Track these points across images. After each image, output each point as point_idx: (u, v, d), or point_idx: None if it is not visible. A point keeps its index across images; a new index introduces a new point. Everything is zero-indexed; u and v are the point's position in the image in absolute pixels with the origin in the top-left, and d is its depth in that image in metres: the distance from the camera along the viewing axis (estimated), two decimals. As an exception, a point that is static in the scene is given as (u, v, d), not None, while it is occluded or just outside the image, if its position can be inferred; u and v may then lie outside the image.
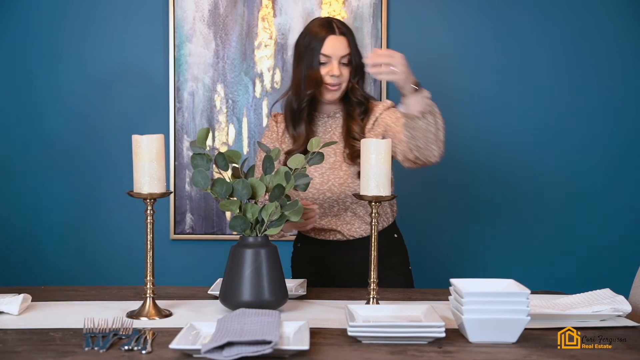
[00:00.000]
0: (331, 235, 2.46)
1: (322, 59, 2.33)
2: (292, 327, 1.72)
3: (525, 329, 1.74)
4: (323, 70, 2.33)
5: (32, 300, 2.06)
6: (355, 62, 2.35)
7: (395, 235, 2.53)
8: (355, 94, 2.39)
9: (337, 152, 2.40)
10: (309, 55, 2.34)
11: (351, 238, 2.45)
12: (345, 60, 2.34)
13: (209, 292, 2.23)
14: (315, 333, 1.77)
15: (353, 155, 2.36)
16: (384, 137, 2.34)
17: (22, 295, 2.03)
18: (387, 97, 3.25)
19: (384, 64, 2.11)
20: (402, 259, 2.54)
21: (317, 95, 2.37)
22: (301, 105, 2.38)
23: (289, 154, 2.34)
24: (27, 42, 3.36)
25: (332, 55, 2.32)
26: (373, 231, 2.02)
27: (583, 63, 3.38)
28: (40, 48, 3.36)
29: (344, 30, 2.35)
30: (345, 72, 2.35)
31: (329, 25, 2.35)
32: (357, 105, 2.40)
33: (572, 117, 3.40)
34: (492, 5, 3.38)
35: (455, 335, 1.78)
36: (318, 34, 2.33)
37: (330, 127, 2.45)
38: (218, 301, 2.04)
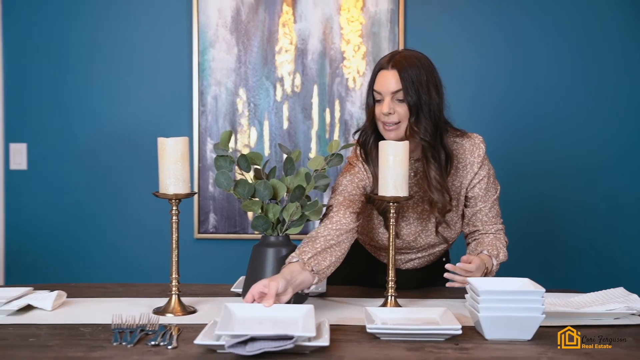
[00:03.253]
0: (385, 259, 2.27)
1: (376, 96, 2.09)
2: (312, 324, 1.73)
3: (541, 326, 1.73)
4: (377, 108, 2.09)
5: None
6: (409, 100, 2.04)
7: (444, 259, 2.41)
8: (414, 136, 2.08)
9: (425, 201, 2.19)
10: (368, 90, 2.13)
11: (403, 268, 2.32)
12: (399, 97, 2.04)
13: (232, 289, 2.24)
14: (334, 330, 1.77)
15: (432, 209, 2.16)
16: (466, 200, 2.22)
17: (55, 292, 2.05)
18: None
19: (460, 282, 1.97)
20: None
21: (382, 134, 2.12)
22: (366, 147, 2.15)
23: (375, 194, 2.05)
24: (61, 49, 3.39)
25: (383, 92, 2.06)
26: (391, 231, 2.00)
27: (591, 63, 3.35)
28: (73, 54, 3.39)
29: (400, 63, 2.05)
30: (401, 109, 2.05)
31: (387, 58, 2.09)
32: (427, 149, 2.10)
33: (572, 117, 3.38)
34: (506, 10, 3.36)
35: (472, 332, 1.77)
36: (375, 68, 2.11)
37: (414, 171, 2.18)
38: (241, 298, 2.05)
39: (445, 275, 1.99)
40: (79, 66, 3.39)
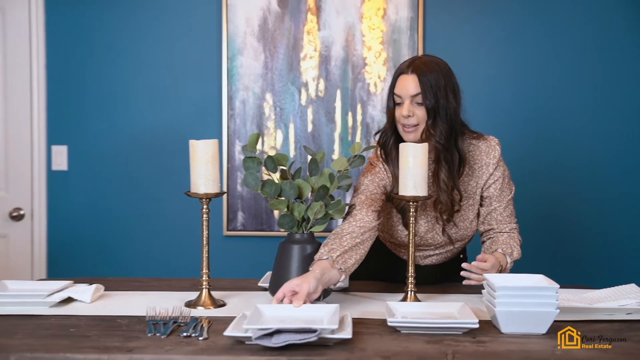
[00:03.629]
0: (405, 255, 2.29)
1: (396, 99, 2.09)
2: (336, 317, 1.73)
3: (555, 321, 1.72)
4: (397, 111, 2.09)
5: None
6: (427, 103, 2.04)
7: (462, 256, 2.42)
8: (432, 138, 2.08)
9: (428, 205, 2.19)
10: (388, 94, 2.13)
11: (422, 264, 2.32)
12: (418, 100, 2.05)
13: (259, 284, 2.25)
14: (357, 323, 1.78)
15: (441, 211, 2.16)
16: (482, 199, 2.21)
17: (94, 286, 2.07)
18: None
19: (476, 280, 1.97)
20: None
21: (402, 136, 2.13)
22: (386, 142, 2.16)
23: (395, 194, 2.08)
24: (100, 57, 3.42)
25: (403, 95, 2.06)
26: (411, 228, 2.00)
27: (601, 66, 3.32)
28: (112, 62, 3.42)
29: (419, 68, 2.05)
30: (420, 112, 2.06)
31: (408, 63, 2.09)
32: (440, 151, 2.10)
33: (583, 117, 3.35)
34: (520, 18, 3.34)
35: (488, 326, 1.77)
36: (396, 72, 2.11)
37: (432, 171, 2.17)
38: (268, 292, 2.06)
39: (462, 273, 1.98)
40: (116, 73, 3.42)
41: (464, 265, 1.98)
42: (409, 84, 2.05)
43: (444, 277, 2.33)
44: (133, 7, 3.40)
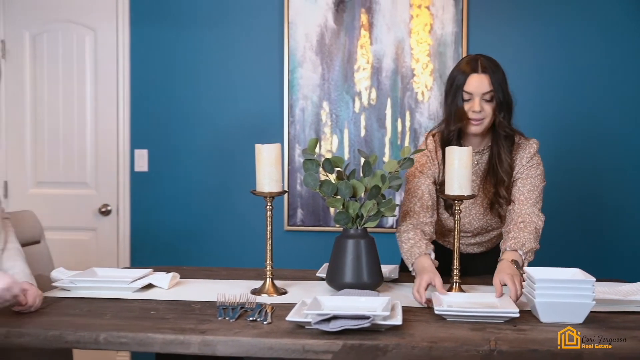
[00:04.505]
0: (450, 245, 2.29)
1: (465, 96, 2.07)
2: (387, 306, 1.72)
3: (591, 312, 1.67)
4: (466, 106, 2.08)
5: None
6: (498, 99, 2.07)
7: None
8: (501, 128, 2.11)
9: (480, 188, 2.19)
10: (454, 91, 2.10)
11: (464, 252, 2.29)
12: (487, 97, 2.06)
13: (317, 274, 2.25)
14: (406, 311, 1.76)
15: (492, 203, 2.17)
16: (520, 176, 2.14)
17: (171, 274, 2.11)
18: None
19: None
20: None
21: (463, 128, 2.13)
22: (450, 136, 2.14)
23: (441, 185, 2.12)
24: (176, 71, 3.47)
25: (474, 93, 2.06)
26: (456, 225, 1.98)
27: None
28: (187, 75, 3.47)
29: (487, 68, 2.07)
30: (488, 107, 2.07)
31: (473, 64, 2.09)
32: (504, 139, 2.13)
33: (624, 120, 3.23)
34: (559, 30, 3.24)
35: (528, 315, 1.74)
36: (463, 72, 2.09)
37: (477, 161, 2.19)
38: (325, 282, 2.06)
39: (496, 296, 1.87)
40: (191, 85, 3.47)
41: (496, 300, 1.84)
42: (482, 83, 2.06)
43: (486, 268, 2.28)
44: (206, 26, 3.44)
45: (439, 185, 2.17)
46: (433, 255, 2.01)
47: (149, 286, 2.06)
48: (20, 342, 1.62)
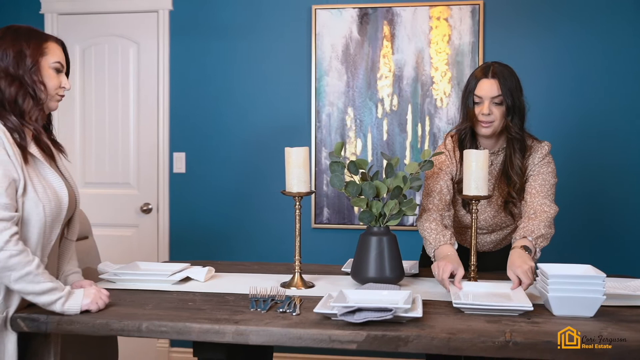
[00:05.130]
0: (466, 243, 2.29)
1: (476, 99, 2.09)
2: (408, 299, 1.71)
3: (602, 306, 1.64)
4: (477, 109, 2.09)
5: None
6: (507, 103, 2.06)
7: None
8: (509, 131, 2.10)
9: (495, 187, 2.18)
10: (467, 94, 2.12)
11: (481, 250, 2.28)
12: (497, 101, 2.06)
13: (342, 269, 2.25)
14: (426, 304, 1.75)
15: (505, 201, 2.16)
16: (533, 173, 2.13)
17: (207, 268, 2.12)
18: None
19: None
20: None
21: (475, 130, 2.14)
22: (461, 135, 2.16)
23: (458, 183, 2.14)
24: (211, 80, 3.50)
25: (484, 96, 2.07)
26: (473, 224, 1.96)
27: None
28: (221, 83, 3.49)
29: (498, 74, 2.07)
30: (497, 111, 2.07)
31: (486, 70, 2.10)
32: (515, 142, 2.12)
33: (633, 122, 3.17)
34: (569, 38, 3.19)
35: (541, 309, 1.71)
36: (475, 77, 2.11)
37: (492, 162, 2.18)
38: (349, 277, 2.05)
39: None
40: (224, 92, 3.48)
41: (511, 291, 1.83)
42: (491, 87, 2.06)
43: (497, 264, 2.24)
44: (238, 38, 3.46)
45: (456, 183, 2.17)
46: (456, 246, 2.01)
47: (187, 279, 2.08)
48: (70, 329, 1.64)
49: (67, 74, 1.80)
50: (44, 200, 1.65)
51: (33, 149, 1.70)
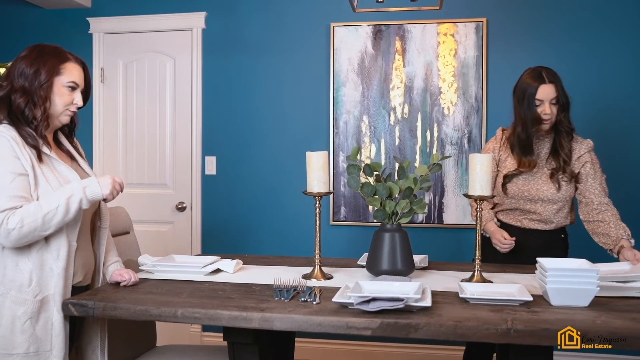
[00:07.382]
0: (515, 221, 2.35)
1: (537, 102, 2.20)
2: (418, 290, 1.70)
3: (596, 296, 1.62)
4: (539, 110, 2.20)
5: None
6: (561, 101, 2.21)
7: (562, 235, 2.35)
8: (562, 125, 2.24)
9: (539, 165, 2.29)
10: (527, 100, 2.21)
11: (526, 227, 2.32)
12: (554, 101, 2.20)
13: (358, 262, 2.24)
14: (435, 294, 1.74)
15: (552, 174, 2.26)
16: (578, 175, 2.27)
17: (236, 260, 2.13)
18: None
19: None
20: (562, 252, 2.34)
21: (533, 127, 2.25)
22: (529, 137, 2.25)
23: (506, 177, 2.29)
24: (239, 89, 3.51)
25: (544, 99, 2.19)
26: (478, 221, 1.94)
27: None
28: (248, 93, 3.49)
29: (552, 78, 2.21)
30: (554, 109, 2.21)
31: (539, 76, 2.21)
32: (565, 133, 2.25)
33: None
34: (566, 52, 3.15)
35: (540, 299, 1.70)
36: (532, 83, 2.21)
37: (539, 147, 2.29)
38: (365, 269, 2.05)
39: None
40: (251, 103, 3.49)
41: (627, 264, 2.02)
42: (549, 91, 2.20)
43: (547, 252, 2.21)
44: (263, 53, 3.47)
45: (496, 165, 2.35)
46: (495, 220, 2.32)
47: (217, 270, 2.09)
48: (114, 314, 1.66)
49: (87, 92, 1.83)
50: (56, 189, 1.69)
51: (47, 149, 1.74)
